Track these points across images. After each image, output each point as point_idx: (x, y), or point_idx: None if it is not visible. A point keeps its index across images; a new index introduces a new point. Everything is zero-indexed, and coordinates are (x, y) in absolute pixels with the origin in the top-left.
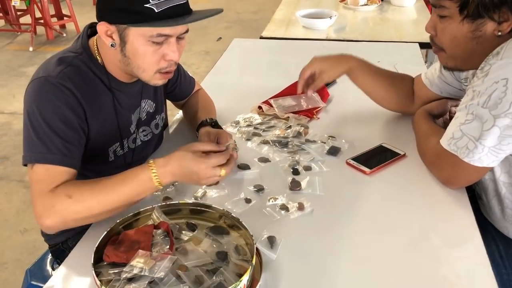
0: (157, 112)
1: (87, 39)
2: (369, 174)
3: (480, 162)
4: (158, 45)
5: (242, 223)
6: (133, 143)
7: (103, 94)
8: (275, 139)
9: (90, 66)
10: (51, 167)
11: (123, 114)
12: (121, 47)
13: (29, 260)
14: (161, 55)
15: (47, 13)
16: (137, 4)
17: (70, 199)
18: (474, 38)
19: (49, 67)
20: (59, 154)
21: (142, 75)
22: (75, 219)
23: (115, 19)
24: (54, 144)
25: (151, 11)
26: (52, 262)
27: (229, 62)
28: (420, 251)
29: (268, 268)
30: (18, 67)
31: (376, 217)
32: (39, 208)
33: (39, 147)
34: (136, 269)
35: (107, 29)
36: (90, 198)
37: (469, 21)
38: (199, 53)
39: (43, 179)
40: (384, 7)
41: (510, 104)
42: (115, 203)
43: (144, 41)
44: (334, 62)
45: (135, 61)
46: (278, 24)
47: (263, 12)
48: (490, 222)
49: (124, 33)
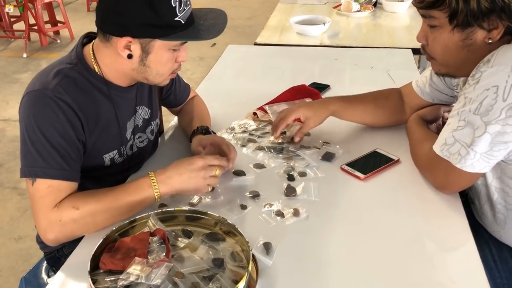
0: (152, 118)
1: (81, 48)
2: (364, 180)
3: (472, 168)
4: (176, 51)
5: (238, 230)
6: (131, 150)
7: (102, 103)
8: (270, 145)
9: (86, 76)
10: (53, 183)
11: (120, 121)
12: (141, 58)
13: (23, 268)
14: (175, 59)
15: (41, 19)
16: (168, 18)
17: (76, 210)
18: (465, 47)
19: (45, 80)
20: (60, 169)
21: (155, 79)
22: (82, 230)
23: (144, 33)
24: (54, 159)
25: (179, 23)
26: (47, 269)
27: (224, 68)
28: (414, 256)
29: (264, 274)
30: (12, 73)
31: (371, 222)
32: (43, 224)
33: (38, 161)
34: (132, 276)
35: (128, 42)
36: (96, 208)
37: (459, 30)
38: (193, 59)
39: (46, 195)
40: (377, 13)
41: (500, 111)
42: (119, 211)
43: (167, 50)
44: (317, 108)
45: (155, 68)
46: (273, 30)
47: (257, 18)
48: (483, 226)
49: (149, 45)
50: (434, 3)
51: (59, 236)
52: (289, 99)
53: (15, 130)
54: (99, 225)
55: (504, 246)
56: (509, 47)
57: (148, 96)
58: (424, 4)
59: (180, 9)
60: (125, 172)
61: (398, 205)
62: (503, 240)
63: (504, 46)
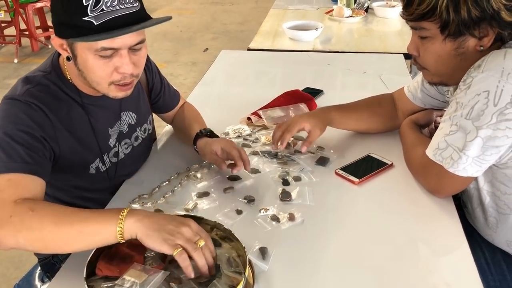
0: (138, 123)
1: (57, 58)
2: (358, 184)
3: (465, 172)
4: (107, 58)
5: (234, 235)
6: (115, 157)
7: (75, 111)
8: (264, 150)
9: (58, 84)
10: (13, 177)
11: (100, 129)
12: (74, 61)
13: (15, 275)
14: (113, 68)
15: (32, 24)
16: (76, 17)
17: (31, 212)
18: (457, 55)
19: (16, 88)
20: (21, 162)
21: (98, 88)
22: (26, 237)
23: (60, 33)
24: (16, 152)
25: (90, 25)
26: (41, 276)
27: (217, 73)
28: (409, 260)
29: (260, 279)
30: (3, 79)
31: (365, 227)
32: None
33: (1, 157)
34: (128, 283)
35: (60, 43)
36: (49, 218)
37: (451, 39)
38: (186, 64)
39: (4, 189)
40: (369, 18)
41: (491, 116)
42: (65, 235)
43: (92, 55)
44: (320, 117)
45: (88, 74)
46: (265, 36)
47: (249, 23)
48: (476, 229)
49: (73, 47)
50: (424, 15)
51: (6, 233)
52: (283, 104)
53: None
54: (41, 239)
55: (497, 249)
56: (499, 53)
57: (135, 101)
58: (414, 16)
59: (94, 9)
60: (114, 179)
61: (392, 209)
62: (495, 243)
63: (494, 52)
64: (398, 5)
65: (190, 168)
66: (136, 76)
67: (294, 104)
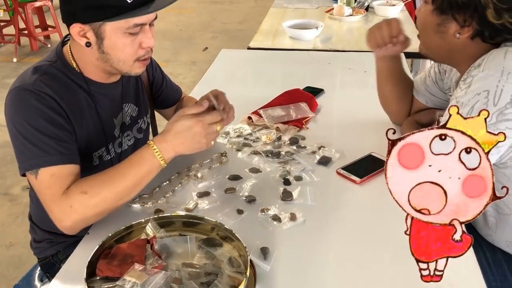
0: (139, 116)
1: (61, 47)
2: (359, 184)
3: None
4: (134, 35)
5: (235, 235)
6: (119, 148)
7: (82, 99)
8: (266, 149)
9: (65, 72)
10: (55, 171)
11: (106, 118)
12: (98, 45)
13: (15, 275)
14: (138, 44)
15: (31, 23)
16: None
17: (85, 194)
18: (438, 32)
19: (24, 77)
20: (58, 154)
21: (123, 67)
22: (95, 214)
23: (89, 17)
24: (50, 146)
25: (124, 3)
26: (41, 276)
27: (217, 72)
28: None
29: (262, 279)
30: (2, 78)
31: (368, 226)
32: (56, 213)
33: (36, 152)
34: (128, 283)
35: (80, 30)
36: (103, 188)
37: (437, 13)
38: (185, 63)
39: (52, 185)
40: (369, 17)
41: (491, 116)
42: (127, 187)
43: (121, 34)
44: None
45: (115, 55)
46: (265, 34)
47: (248, 22)
48: (476, 229)
49: (100, 30)
50: None
51: (73, 222)
52: (283, 103)
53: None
54: (110, 205)
55: (498, 249)
56: (499, 51)
57: (135, 93)
58: None
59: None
60: None
61: (394, 209)
62: (495, 243)
63: (495, 51)
64: (398, 3)
65: (190, 167)
66: (151, 51)
67: (294, 103)
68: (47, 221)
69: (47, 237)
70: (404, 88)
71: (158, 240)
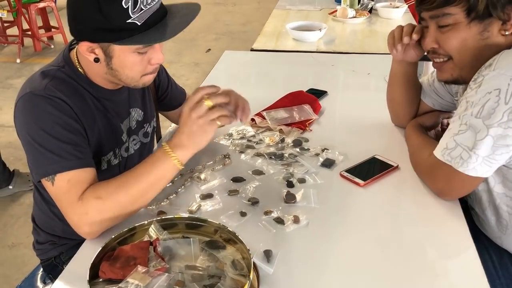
0: (145, 120)
1: (68, 52)
2: (363, 186)
3: (475, 171)
4: (144, 54)
5: (238, 237)
6: (126, 152)
7: (91, 103)
8: (269, 151)
9: (74, 78)
10: (72, 176)
11: (114, 123)
12: (107, 62)
13: (17, 276)
14: (147, 61)
15: (35, 24)
16: (119, 21)
17: (100, 200)
18: (482, 40)
19: (34, 82)
20: (74, 158)
21: (131, 82)
22: (110, 218)
23: (98, 38)
24: (66, 151)
25: (134, 25)
26: (43, 277)
27: (220, 74)
28: (415, 263)
29: (265, 282)
30: (5, 79)
31: (371, 229)
32: (74, 219)
33: (52, 158)
34: (131, 285)
35: (89, 47)
36: (117, 192)
37: (477, 22)
38: (188, 64)
39: (68, 190)
40: (373, 19)
41: (502, 114)
42: (141, 190)
43: (131, 53)
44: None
45: (123, 72)
46: (269, 36)
47: (251, 24)
48: (483, 233)
49: (109, 49)
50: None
51: (91, 228)
52: (287, 105)
53: (9, 137)
54: (125, 208)
55: (504, 252)
56: (510, 52)
57: (141, 98)
58: (437, 3)
59: (134, 10)
60: None
61: (398, 212)
62: (504, 246)
63: (506, 51)
64: (402, 6)
65: (193, 169)
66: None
67: (298, 105)
68: (49, 223)
69: (49, 238)
70: (415, 93)
71: (161, 242)
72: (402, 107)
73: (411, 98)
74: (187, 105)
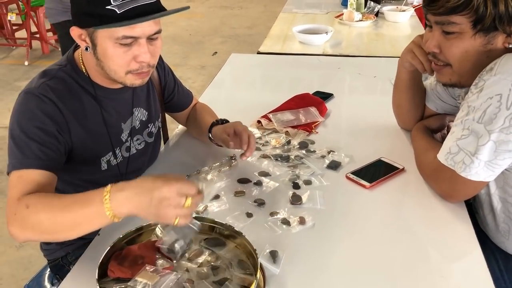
0: (150, 120)
1: (73, 52)
2: (369, 188)
3: (477, 176)
4: (127, 47)
5: (245, 238)
6: (127, 152)
7: (88, 104)
8: (275, 153)
9: (74, 77)
10: (23, 174)
11: (113, 123)
12: (93, 50)
13: (24, 276)
14: (131, 57)
15: (43, 27)
16: (99, 6)
17: (27, 209)
18: (485, 52)
19: (33, 81)
20: (34, 158)
21: (115, 77)
22: (32, 232)
23: (82, 22)
24: (30, 149)
25: (113, 13)
26: (50, 277)
27: (227, 76)
28: (421, 265)
29: (271, 282)
30: (14, 81)
31: (376, 231)
32: (7, 214)
33: (16, 154)
34: (140, 284)
35: (79, 33)
36: (43, 212)
37: (482, 35)
38: (195, 67)
39: (15, 186)
40: (379, 23)
41: (504, 119)
42: (64, 223)
43: (112, 43)
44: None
45: (106, 63)
46: (275, 39)
47: (257, 27)
48: (488, 236)
49: (93, 36)
50: (456, 8)
51: (15, 230)
52: (293, 107)
53: None
54: (45, 231)
55: (510, 256)
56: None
57: (146, 98)
58: (443, 9)
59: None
60: (124, 176)
61: (404, 214)
62: (509, 250)
63: (507, 55)
64: (408, 9)
65: (200, 170)
66: (152, 67)
67: (304, 108)
68: None
69: None
70: (421, 98)
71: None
72: (408, 111)
73: (416, 103)
74: (173, 183)
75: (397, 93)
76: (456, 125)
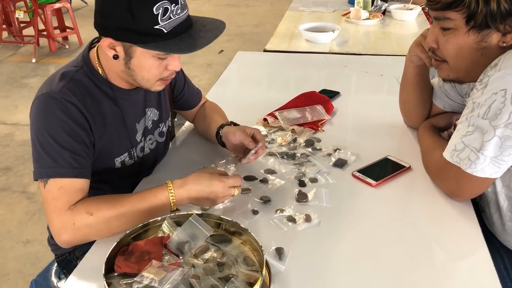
0: (161, 120)
1: (88, 52)
2: (375, 186)
3: (483, 172)
4: (163, 59)
5: (251, 235)
6: (142, 152)
7: (106, 105)
8: (281, 151)
9: (91, 78)
10: (64, 183)
11: (129, 124)
12: (126, 61)
13: (31, 271)
14: (164, 66)
15: (50, 25)
16: (146, 25)
17: (90, 216)
18: (479, 49)
19: (52, 83)
20: (69, 167)
21: (145, 84)
22: (96, 235)
23: (123, 37)
24: (63, 157)
25: (160, 32)
26: (57, 272)
27: (233, 74)
28: (427, 263)
29: (277, 279)
30: (21, 78)
31: (382, 229)
32: (57, 226)
33: (48, 162)
34: (146, 279)
35: (112, 44)
36: (109, 214)
37: (475, 32)
38: (201, 65)
39: (59, 197)
40: (386, 21)
41: (509, 115)
42: (133, 218)
43: (150, 57)
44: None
45: (140, 73)
46: (282, 37)
47: (264, 25)
48: (494, 235)
49: (130, 50)
50: (451, 4)
51: (72, 238)
52: (299, 105)
53: (24, 135)
54: (112, 230)
55: None
56: None
57: (157, 97)
58: (440, 5)
59: (163, 17)
60: (137, 175)
61: (410, 213)
62: None
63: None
64: (415, 8)
65: (206, 167)
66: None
67: (310, 106)
68: None
69: None
70: (428, 95)
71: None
72: (415, 109)
73: (423, 100)
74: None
75: (404, 90)
76: (461, 122)
